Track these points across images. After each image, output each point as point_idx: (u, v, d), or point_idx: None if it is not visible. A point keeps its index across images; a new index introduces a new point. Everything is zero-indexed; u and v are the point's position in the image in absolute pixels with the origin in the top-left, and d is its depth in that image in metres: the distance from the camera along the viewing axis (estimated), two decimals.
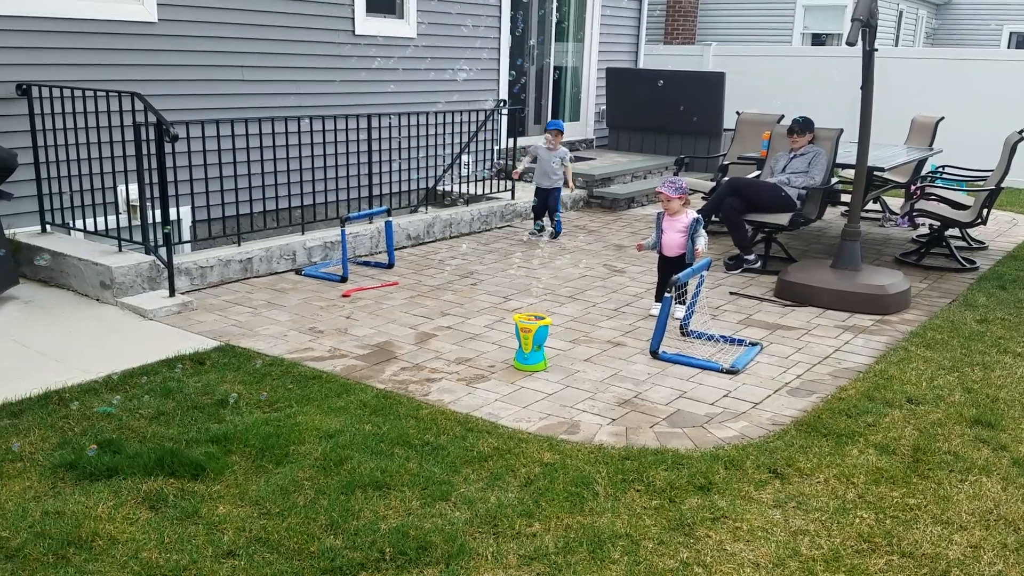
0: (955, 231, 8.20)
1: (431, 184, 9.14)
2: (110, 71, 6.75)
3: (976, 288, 6.91)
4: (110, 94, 6.06)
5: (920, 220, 8.44)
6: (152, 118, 5.65)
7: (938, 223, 7.76)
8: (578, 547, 3.16)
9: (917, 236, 8.55)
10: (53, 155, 6.40)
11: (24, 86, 6.27)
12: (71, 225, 6.47)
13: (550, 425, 4.21)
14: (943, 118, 9.41)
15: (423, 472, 3.65)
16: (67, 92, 6.22)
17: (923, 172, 9.32)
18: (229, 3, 7.49)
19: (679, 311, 5.65)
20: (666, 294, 5.09)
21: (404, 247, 7.81)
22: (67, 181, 6.42)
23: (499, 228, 8.87)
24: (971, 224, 7.57)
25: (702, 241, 5.70)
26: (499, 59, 10.68)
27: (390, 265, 7.07)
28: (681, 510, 3.43)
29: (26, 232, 6.41)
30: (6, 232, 5.82)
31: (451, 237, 8.37)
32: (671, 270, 5.66)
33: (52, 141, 6.37)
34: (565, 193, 8.95)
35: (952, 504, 3.56)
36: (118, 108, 6.02)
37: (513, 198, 9.25)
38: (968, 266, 7.59)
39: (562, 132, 8.35)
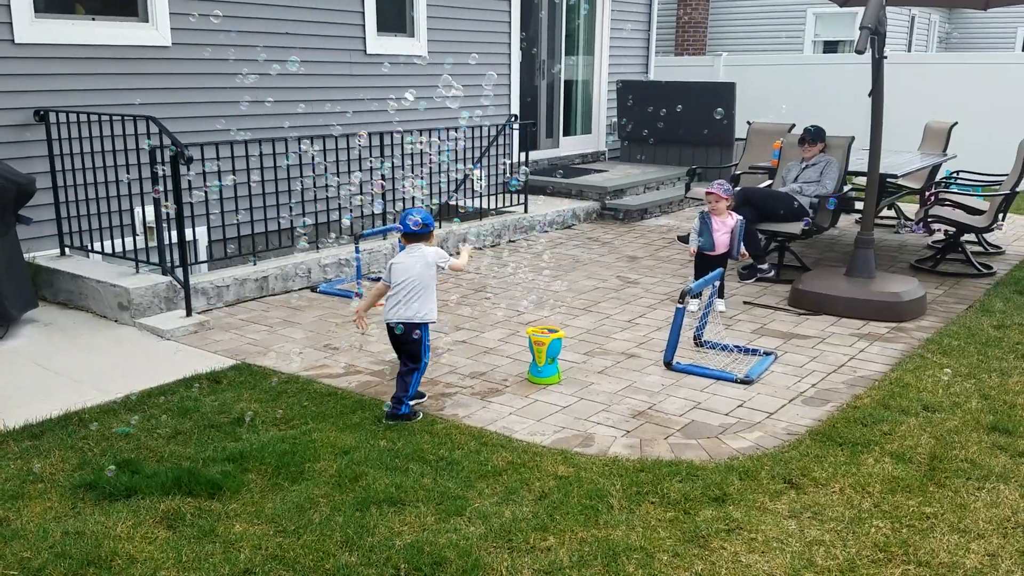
0: (971, 236, 8.15)
1: (444, 199, 9.19)
2: (125, 95, 6.85)
3: (993, 293, 6.86)
4: (125, 118, 6.14)
5: (935, 226, 8.39)
6: (167, 141, 5.73)
7: (953, 229, 7.72)
8: (593, 561, 3.17)
9: (933, 242, 8.51)
10: (71, 179, 6.50)
11: (41, 112, 6.38)
12: (89, 248, 6.56)
13: (564, 438, 4.22)
14: (956, 123, 9.36)
15: (438, 487, 3.67)
16: (83, 117, 6.31)
17: (938, 177, 9.28)
18: (241, 26, 7.59)
19: (720, 304, 6.25)
20: (678, 305, 5.09)
21: None
22: (85, 204, 6.51)
23: (512, 241, 8.90)
24: (987, 229, 7.52)
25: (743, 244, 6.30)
26: (510, 74, 10.76)
27: None
28: (696, 522, 3.43)
29: (45, 255, 6.50)
30: (25, 256, 5.90)
31: None
32: (713, 267, 6.00)
33: (69, 165, 6.47)
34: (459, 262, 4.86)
35: (969, 512, 3.53)
36: (134, 132, 6.11)
37: (526, 211, 9.29)
38: (985, 271, 7.54)
39: (421, 234, 4.66)
